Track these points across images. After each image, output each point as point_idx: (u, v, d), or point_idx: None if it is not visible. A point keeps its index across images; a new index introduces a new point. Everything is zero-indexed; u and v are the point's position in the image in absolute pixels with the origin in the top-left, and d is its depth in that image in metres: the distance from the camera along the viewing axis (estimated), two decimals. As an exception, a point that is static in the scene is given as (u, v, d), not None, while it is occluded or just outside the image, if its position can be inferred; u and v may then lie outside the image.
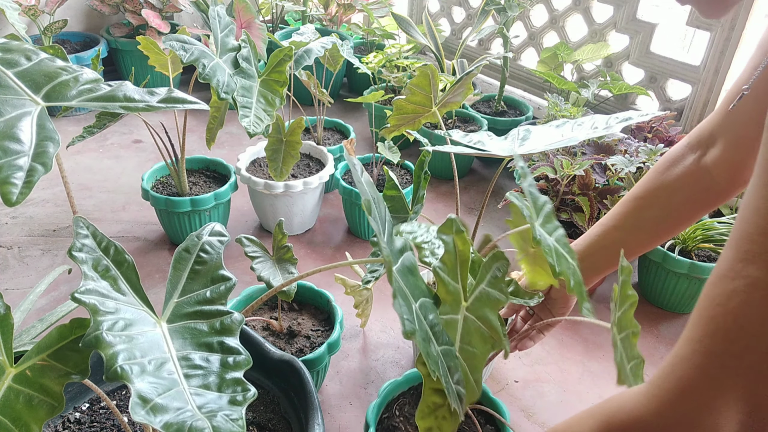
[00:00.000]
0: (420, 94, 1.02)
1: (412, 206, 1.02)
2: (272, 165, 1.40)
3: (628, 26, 1.72)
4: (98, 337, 0.48)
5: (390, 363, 1.23)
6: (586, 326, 1.34)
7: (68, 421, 0.83)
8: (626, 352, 0.61)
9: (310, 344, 1.08)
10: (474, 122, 1.90)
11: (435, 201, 1.79)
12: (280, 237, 0.98)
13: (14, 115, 0.49)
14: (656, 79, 1.71)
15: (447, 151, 0.89)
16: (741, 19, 1.45)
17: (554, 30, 1.95)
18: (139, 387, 0.47)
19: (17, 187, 0.45)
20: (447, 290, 0.61)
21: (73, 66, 0.56)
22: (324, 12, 2.49)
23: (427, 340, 0.54)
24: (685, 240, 1.34)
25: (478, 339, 0.63)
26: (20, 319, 0.82)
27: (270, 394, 0.89)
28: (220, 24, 1.22)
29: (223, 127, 1.69)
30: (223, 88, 1.14)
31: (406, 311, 0.53)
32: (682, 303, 1.37)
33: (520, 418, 1.12)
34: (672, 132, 1.49)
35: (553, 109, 1.61)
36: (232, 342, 0.55)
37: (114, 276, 0.55)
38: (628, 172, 1.23)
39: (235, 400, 0.50)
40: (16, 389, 0.50)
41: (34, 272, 1.43)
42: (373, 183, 0.59)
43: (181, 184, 1.47)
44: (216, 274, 0.60)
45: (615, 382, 0.58)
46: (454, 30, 2.29)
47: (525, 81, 2.07)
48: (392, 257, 0.57)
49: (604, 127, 0.86)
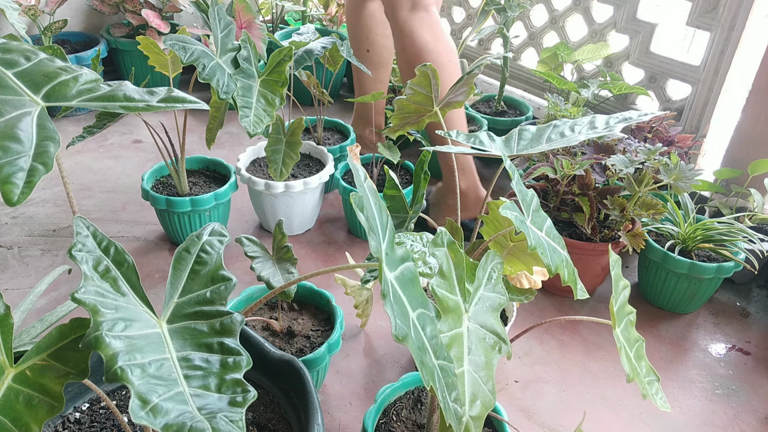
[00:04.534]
0: (421, 93, 1.02)
1: (412, 206, 1.01)
2: (272, 165, 1.40)
3: (628, 26, 1.72)
4: (98, 338, 0.48)
5: (390, 363, 1.23)
6: (586, 326, 1.35)
7: (68, 421, 0.83)
8: (628, 333, 0.62)
9: (310, 344, 1.08)
10: (474, 122, 1.89)
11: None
12: (279, 237, 0.98)
13: (14, 116, 0.49)
14: (656, 79, 1.71)
15: (447, 152, 0.89)
16: (741, 19, 1.45)
17: (554, 30, 1.95)
18: (139, 388, 0.47)
19: (18, 187, 0.45)
20: (447, 306, 0.61)
21: (73, 66, 0.56)
22: (324, 12, 2.48)
23: (423, 350, 0.54)
24: (685, 240, 1.34)
25: (486, 348, 0.63)
26: (20, 319, 0.82)
27: (270, 394, 0.89)
28: (220, 24, 1.22)
29: (223, 127, 1.69)
30: (223, 88, 1.14)
31: (399, 314, 0.52)
32: (682, 303, 1.37)
33: (519, 418, 1.12)
34: (672, 132, 1.49)
35: (553, 109, 1.61)
36: (232, 343, 0.55)
37: (114, 276, 0.55)
38: (627, 173, 1.23)
39: (235, 401, 0.50)
40: (16, 389, 0.50)
41: (34, 272, 1.42)
42: (375, 190, 0.59)
43: (181, 184, 1.47)
44: (216, 274, 0.60)
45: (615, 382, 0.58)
46: (454, 30, 2.29)
47: (525, 81, 2.07)
48: (391, 264, 0.56)
49: (604, 126, 0.86)
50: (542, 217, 0.67)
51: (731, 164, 1.51)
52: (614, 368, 1.24)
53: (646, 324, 1.37)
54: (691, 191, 1.23)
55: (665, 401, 0.70)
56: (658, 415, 1.14)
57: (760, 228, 1.43)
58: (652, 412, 1.15)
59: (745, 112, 1.47)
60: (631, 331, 0.68)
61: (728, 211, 1.45)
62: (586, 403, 1.16)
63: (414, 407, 0.94)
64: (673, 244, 1.34)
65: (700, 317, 1.39)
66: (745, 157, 1.48)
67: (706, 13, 1.53)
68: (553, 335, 1.32)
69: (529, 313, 1.38)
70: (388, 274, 0.55)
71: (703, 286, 1.32)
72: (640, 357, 0.68)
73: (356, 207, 0.54)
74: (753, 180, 1.46)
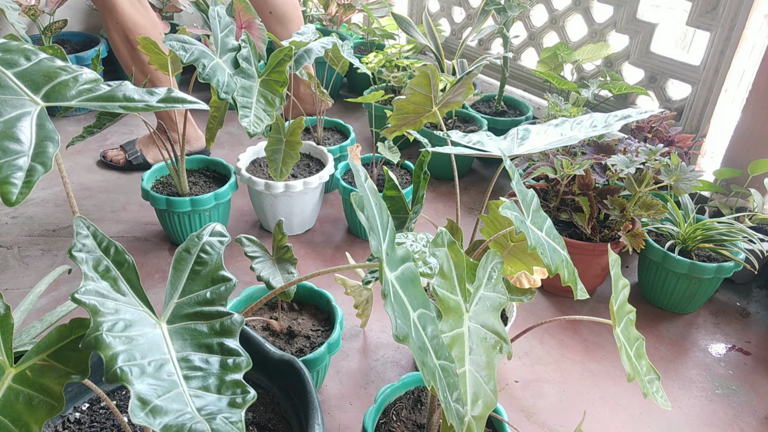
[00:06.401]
0: (420, 94, 1.02)
1: (412, 206, 1.01)
2: (272, 165, 1.40)
3: (628, 26, 1.72)
4: (98, 338, 0.48)
5: (390, 363, 1.23)
6: (586, 326, 1.35)
7: (68, 421, 0.83)
8: (628, 331, 0.62)
9: (310, 344, 1.08)
10: (474, 122, 1.89)
11: (435, 201, 1.79)
12: (279, 237, 0.98)
13: (14, 115, 0.49)
14: (656, 79, 1.71)
15: (447, 152, 0.89)
16: (741, 19, 1.45)
17: (554, 30, 1.95)
18: (139, 389, 0.47)
19: (17, 187, 0.45)
20: (448, 306, 0.61)
21: (73, 66, 0.56)
22: (324, 12, 2.48)
23: (424, 350, 0.54)
24: (685, 240, 1.34)
25: (487, 348, 0.63)
26: (20, 319, 0.82)
27: (270, 394, 0.89)
28: (220, 24, 1.22)
29: (223, 127, 1.69)
30: (223, 88, 1.14)
31: (400, 314, 0.52)
32: (682, 303, 1.37)
33: (520, 418, 1.12)
34: (672, 132, 1.49)
35: (553, 109, 1.61)
36: (232, 343, 0.55)
37: (114, 276, 0.55)
38: (628, 173, 1.23)
39: (235, 402, 0.50)
40: (16, 389, 0.50)
41: (34, 272, 1.42)
42: (376, 190, 0.59)
43: (181, 184, 1.47)
44: (216, 274, 0.60)
45: (615, 382, 0.58)
46: (454, 30, 2.29)
47: (525, 81, 2.07)
48: (392, 264, 0.56)
49: (604, 125, 0.86)
50: (542, 217, 0.67)
51: (731, 164, 1.51)
52: (614, 368, 1.24)
53: (646, 324, 1.37)
54: (691, 192, 1.23)
55: (666, 399, 0.70)
56: (658, 415, 1.14)
57: (760, 228, 1.43)
58: (652, 412, 1.15)
59: (745, 112, 1.47)
60: (631, 330, 0.68)
61: (728, 211, 1.45)
62: (586, 403, 1.16)
63: (414, 407, 0.94)
64: (673, 244, 1.34)
65: (700, 317, 1.39)
66: (745, 157, 1.48)
67: (706, 13, 1.53)
68: (553, 335, 1.32)
69: (529, 313, 1.38)
70: (389, 275, 0.55)
71: (703, 286, 1.32)
72: (640, 355, 0.68)
73: (357, 207, 0.54)
74: (753, 180, 1.46)
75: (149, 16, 1.64)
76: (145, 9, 1.63)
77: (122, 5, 1.57)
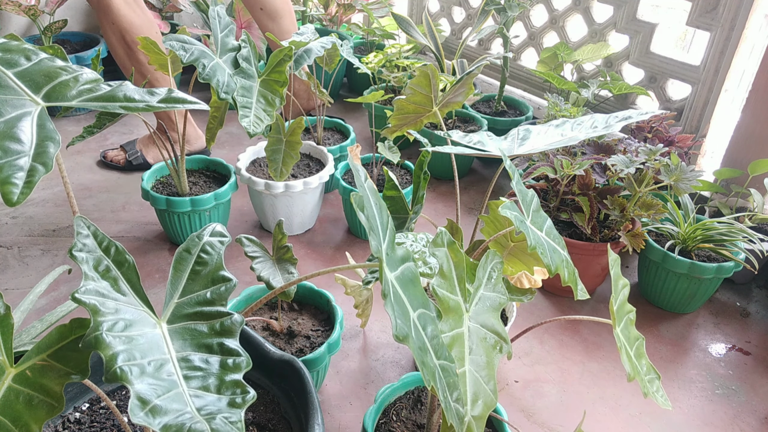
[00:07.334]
0: (420, 94, 1.02)
1: (412, 206, 1.01)
2: (272, 165, 1.40)
3: (628, 26, 1.72)
4: (98, 338, 0.48)
5: (390, 363, 1.23)
6: (586, 326, 1.35)
7: (68, 421, 0.83)
8: (628, 332, 0.62)
9: (310, 344, 1.08)
10: (474, 122, 1.89)
11: (435, 201, 1.79)
12: (279, 237, 0.98)
13: (14, 116, 0.49)
14: (656, 79, 1.71)
15: (447, 152, 0.89)
16: (741, 19, 1.45)
17: (554, 30, 1.95)
18: (139, 388, 0.47)
19: (18, 187, 0.45)
20: (448, 306, 0.61)
21: (73, 66, 0.56)
22: (324, 12, 2.48)
23: (424, 350, 0.54)
24: (685, 240, 1.34)
25: (487, 348, 0.63)
26: (20, 319, 0.82)
27: (270, 394, 0.89)
28: (220, 24, 1.22)
29: (223, 127, 1.69)
30: (223, 88, 1.14)
31: (400, 314, 0.52)
32: (682, 303, 1.37)
33: (519, 418, 1.12)
34: (672, 132, 1.49)
35: (553, 109, 1.61)
36: (231, 344, 0.55)
37: (114, 276, 0.55)
38: (628, 173, 1.24)
39: (235, 402, 0.50)
40: (16, 389, 0.50)
41: (34, 272, 1.42)
42: (376, 190, 0.59)
43: (181, 184, 1.47)
44: (216, 275, 0.60)
45: (615, 382, 0.58)
46: (454, 30, 2.29)
47: (525, 81, 2.07)
48: (392, 264, 0.56)
49: (604, 126, 0.86)
50: (542, 217, 0.67)
51: (731, 164, 1.51)
52: (614, 368, 1.24)
53: (646, 324, 1.37)
54: (691, 192, 1.23)
55: (666, 399, 0.70)
56: (658, 415, 1.14)
57: (760, 228, 1.43)
58: (652, 412, 1.15)
59: (745, 112, 1.47)
60: (631, 329, 0.68)
61: (728, 211, 1.45)
62: (586, 403, 1.16)
63: (414, 407, 0.94)
64: (673, 244, 1.34)
65: (700, 317, 1.39)
66: (745, 157, 1.48)
67: (706, 13, 1.53)
68: (553, 335, 1.32)
69: (529, 313, 1.38)
70: (389, 274, 0.55)
71: (703, 286, 1.32)
72: (640, 355, 0.68)
73: (357, 207, 0.54)
74: (753, 180, 1.46)
75: (145, 16, 1.64)
76: (141, 9, 1.63)
77: (117, 5, 1.56)
